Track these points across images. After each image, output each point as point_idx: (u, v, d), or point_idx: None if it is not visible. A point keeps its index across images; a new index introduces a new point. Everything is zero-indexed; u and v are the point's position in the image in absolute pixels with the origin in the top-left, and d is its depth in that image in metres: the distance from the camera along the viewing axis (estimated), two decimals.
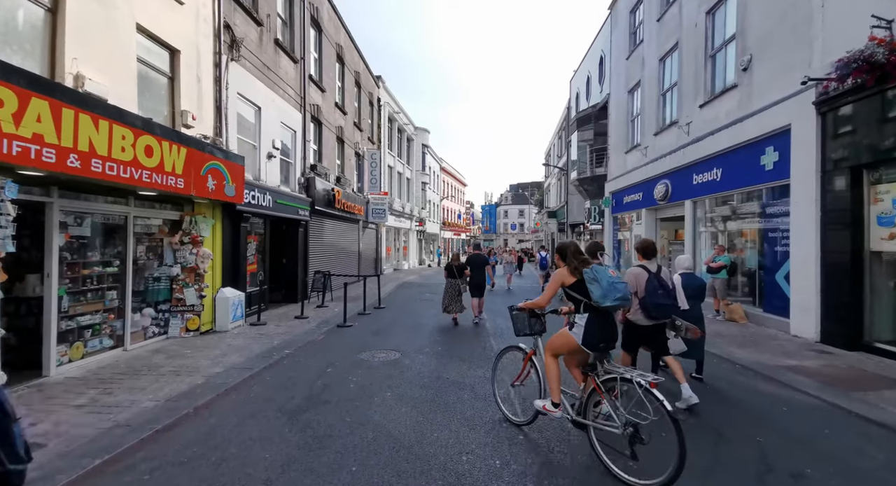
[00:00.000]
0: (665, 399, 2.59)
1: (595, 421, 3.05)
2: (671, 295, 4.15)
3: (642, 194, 13.73)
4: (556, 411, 3.27)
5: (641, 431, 2.76)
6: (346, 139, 15.74)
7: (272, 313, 9.29)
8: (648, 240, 4.64)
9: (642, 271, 4.19)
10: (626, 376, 2.86)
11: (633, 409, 2.79)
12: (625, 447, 2.82)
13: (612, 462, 2.89)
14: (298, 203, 10.73)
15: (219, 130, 7.62)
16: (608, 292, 3.06)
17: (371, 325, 8.31)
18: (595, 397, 3.08)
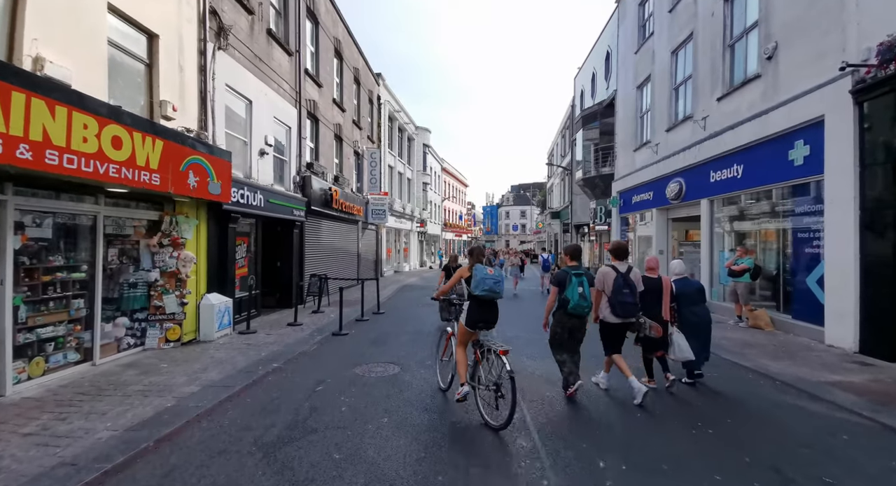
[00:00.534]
0: (508, 363, 3.55)
1: (477, 384, 3.96)
2: (635, 294, 4.39)
3: (653, 193, 13.13)
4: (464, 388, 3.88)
5: (502, 387, 3.61)
6: (344, 137, 15.18)
7: (264, 320, 8.71)
8: (620, 242, 4.99)
9: (611, 271, 4.45)
10: (489, 347, 3.84)
11: (495, 371, 3.73)
12: (492, 400, 3.72)
13: (485, 412, 3.79)
14: (293, 203, 10.16)
15: (204, 123, 7.05)
16: (477, 284, 3.87)
17: (369, 333, 7.72)
18: (478, 365, 4.00)
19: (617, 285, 4.34)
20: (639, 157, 14.40)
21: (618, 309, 4.35)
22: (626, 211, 15.68)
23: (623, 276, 4.38)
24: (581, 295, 4.23)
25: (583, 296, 4.24)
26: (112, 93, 5.50)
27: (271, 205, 8.92)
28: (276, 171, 10.03)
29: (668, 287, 4.72)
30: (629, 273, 4.43)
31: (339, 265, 14.42)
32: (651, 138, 13.33)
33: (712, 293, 10.12)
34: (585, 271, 4.48)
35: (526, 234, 71.43)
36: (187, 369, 5.27)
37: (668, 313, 4.69)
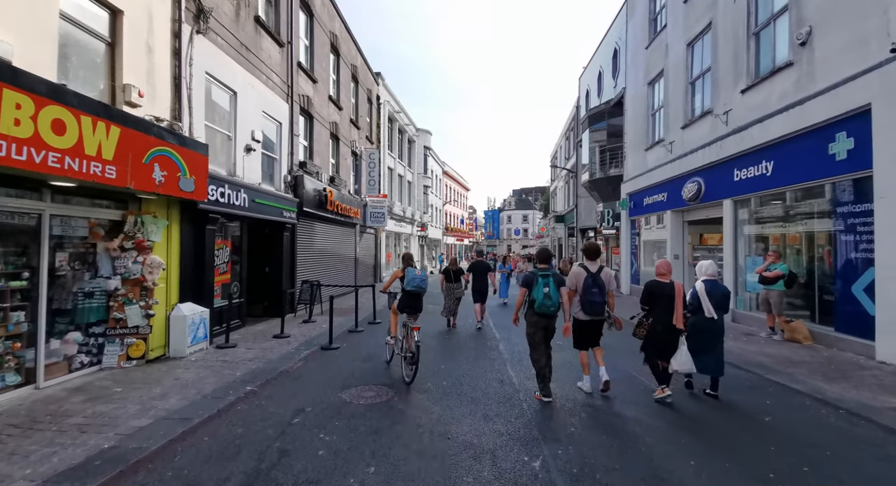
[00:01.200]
0: (417, 337, 4.89)
1: (401, 351, 5.29)
2: (604, 293, 4.57)
3: (667, 195, 12.37)
4: (391, 341, 5.77)
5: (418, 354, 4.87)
6: (341, 137, 14.48)
7: (248, 331, 7.93)
8: (592, 242, 5.11)
9: (582, 271, 4.62)
10: (410, 326, 5.12)
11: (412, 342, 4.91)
12: (410, 365, 4.94)
13: (404, 373, 5.10)
14: (283, 204, 9.42)
15: (178, 112, 6.33)
16: (409, 282, 5.52)
17: (362, 347, 6.94)
18: (404, 341, 5.26)
19: (586, 285, 4.54)
20: (650, 156, 13.65)
21: (587, 307, 4.58)
22: (637, 213, 14.90)
23: (593, 276, 4.56)
24: (546, 295, 4.40)
25: (547, 296, 4.40)
26: (65, 73, 4.80)
27: (257, 205, 8.18)
28: (264, 169, 9.30)
29: (680, 293, 4.41)
30: (599, 273, 4.61)
31: (335, 271, 13.66)
32: (664, 136, 12.58)
33: (737, 302, 9.33)
34: (553, 272, 4.57)
35: (528, 238, 70.62)
36: (144, 394, 4.49)
37: (680, 319, 4.36)
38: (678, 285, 4.48)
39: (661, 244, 13.54)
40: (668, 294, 4.42)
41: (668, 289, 4.44)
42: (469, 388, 4.84)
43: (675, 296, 4.39)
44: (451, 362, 6.01)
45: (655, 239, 14.12)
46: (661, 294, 4.44)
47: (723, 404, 4.44)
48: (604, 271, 4.67)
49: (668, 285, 4.48)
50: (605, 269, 4.73)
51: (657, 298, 4.47)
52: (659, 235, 13.83)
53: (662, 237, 13.42)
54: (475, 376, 5.30)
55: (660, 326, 4.43)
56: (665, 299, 4.41)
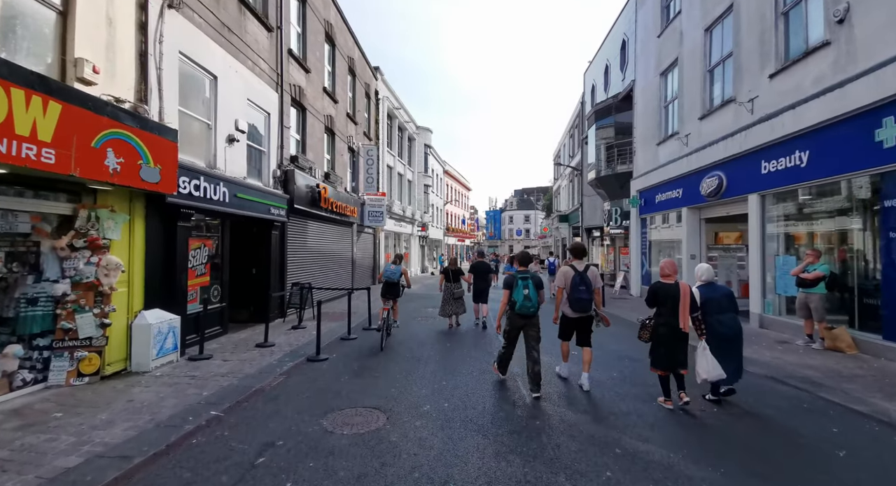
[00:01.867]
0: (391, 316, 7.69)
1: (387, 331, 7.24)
2: (591, 291, 4.73)
3: (682, 191, 11.61)
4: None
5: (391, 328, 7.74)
6: (337, 131, 13.76)
7: (229, 340, 7.20)
8: (579, 243, 5.38)
9: (570, 270, 4.82)
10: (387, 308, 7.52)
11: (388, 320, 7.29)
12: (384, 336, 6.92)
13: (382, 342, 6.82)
14: (271, 200, 8.70)
15: (144, 94, 5.60)
16: (384, 275, 8.23)
17: (353, 358, 6.20)
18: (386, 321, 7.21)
19: (574, 283, 4.73)
20: (663, 151, 12.90)
21: (575, 305, 4.76)
22: (648, 211, 14.15)
23: (580, 274, 4.76)
24: (526, 296, 4.60)
25: (527, 297, 4.60)
26: (4, 43, 4.08)
27: (240, 201, 7.46)
28: (251, 162, 8.58)
29: (686, 294, 4.19)
30: (586, 271, 4.79)
31: (330, 272, 12.93)
32: (679, 129, 11.84)
33: (765, 306, 8.59)
34: (531, 275, 4.73)
35: (530, 239, 69.86)
36: (87, 421, 3.75)
37: (686, 322, 4.15)
38: (684, 286, 4.24)
39: (675, 244, 12.80)
40: (672, 296, 4.20)
41: (673, 290, 4.22)
42: (475, 411, 4.09)
43: (681, 297, 4.16)
44: (454, 376, 5.26)
45: (668, 238, 13.38)
46: (665, 296, 4.25)
47: (787, 432, 3.69)
48: (590, 270, 4.85)
49: (673, 286, 4.25)
50: (592, 268, 4.90)
51: (662, 300, 4.28)
52: (672, 233, 13.08)
53: (676, 236, 12.67)
54: (481, 396, 4.55)
55: (663, 328, 4.23)
56: (670, 301, 4.21)
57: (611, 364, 5.89)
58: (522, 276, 4.69)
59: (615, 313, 11.08)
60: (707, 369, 4.07)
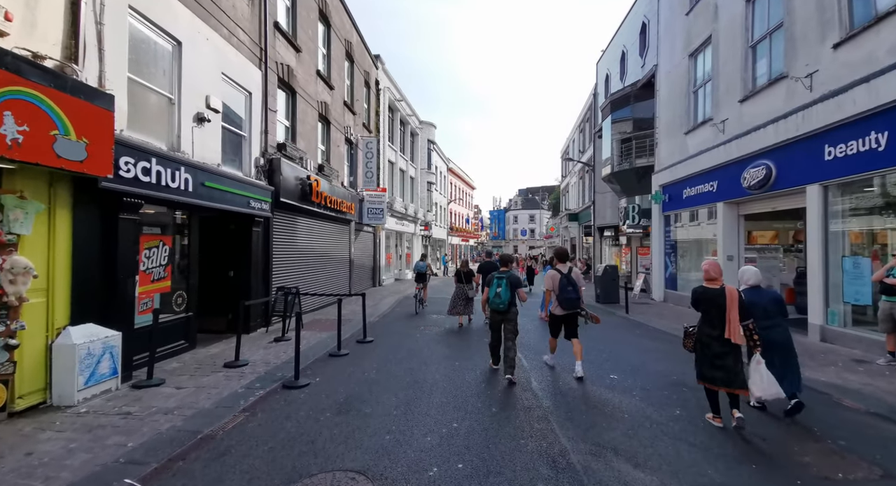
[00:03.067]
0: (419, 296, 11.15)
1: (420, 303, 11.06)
2: (577, 290, 5.27)
3: (717, 184, 10.36)
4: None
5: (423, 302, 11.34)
6: (332, 120, 12.59)
7: (194, 357, 6.02)
8: (562, 248, 6.09)
9: (556, 273, 5.38)
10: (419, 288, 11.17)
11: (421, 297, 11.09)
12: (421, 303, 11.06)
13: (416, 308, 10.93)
14: (252, 192, 7.53)
15: (74, 53, 4.43)
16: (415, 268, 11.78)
17: (340, 382, 4.99)
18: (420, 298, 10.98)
19: (562, 284, 5.25)
20: (692, 140, 11.64)
21: (564, 304, 5.24)
22: (674, 208, 12.88)
23: (566, 276, 5.28)
24: (496, 294, 5.16)
25: (497, 294, 5.15)
26: None
27: (210, 191, 6.28)
28: (228, 148, 7.41)
29: (734, 300, 3.77)
30: (570, 273, 5.31)
31: (325, 275, 11.75)
32: (713, 115, 10.57)
33: (828, 316, 7.32)
34: (508, 275, 5.24)
35: (535, 239, 68.55)
36: None
37: (736, 331, 3.70)
38: (731, 291, 3.79)
39: (705, 243, 11.55)
40: (717, 303, 3.78)
41: (718, 296, 3.80)
42: (503, 479, 2.87)
43: (728, 304, 3.72)
44: (467, 413, 4.05)
45: (697, 237, 12.12)
46: (709, 303, 3.84)
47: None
48: (573, 271, 5.38)
49: (718, 291, 3.83)
50: (574, 269, 5.44)
51: (704, 307, 3.90)
52: (701, 232, 11.82)
53: (706, 235, 11.42)
54: (506, 450, 3.32)
55: (706, 338, 3.86)
56: (715, 309, 3.79)
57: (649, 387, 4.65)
58: (499, 276, 5.26)
59: (638, 320, 9.85)
60: (762, 386, 3.62)
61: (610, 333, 8.37)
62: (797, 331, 8.19)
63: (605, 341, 7.59)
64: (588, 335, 7.93)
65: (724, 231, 10.12)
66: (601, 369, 5.54)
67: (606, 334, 8.15)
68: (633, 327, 9.15)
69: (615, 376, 5.17)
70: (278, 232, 8.97)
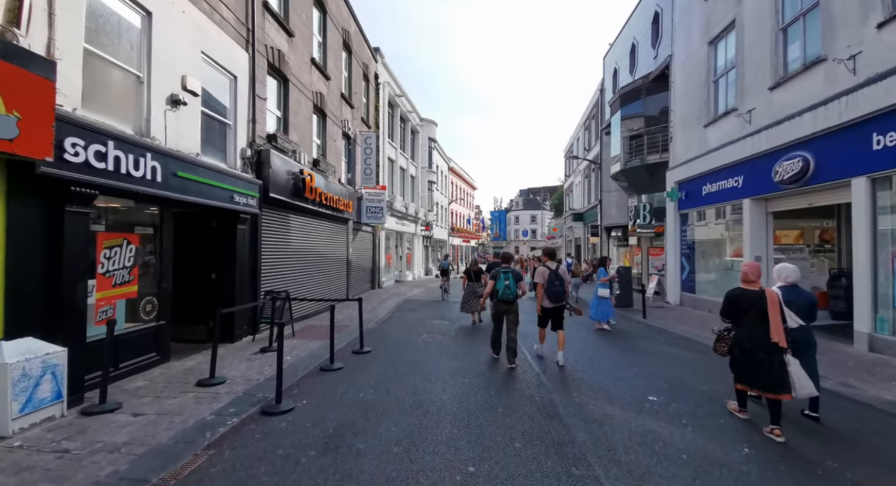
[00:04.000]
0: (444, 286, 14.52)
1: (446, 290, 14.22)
2: (563, 284, 5.88)
3: (742, 179, 9.62)
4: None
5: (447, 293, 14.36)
6: (329, 113, 11.85)
7: (165, 373, 5.26)
8: (550, 247, 6.86)
9: (546, 269, 5.96)
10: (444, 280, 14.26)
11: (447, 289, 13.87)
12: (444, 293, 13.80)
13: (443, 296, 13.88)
14: (236, 185, 6.78)
15: (16, 16, 3.68)
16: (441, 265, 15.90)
17: (329, 407, 4.23)
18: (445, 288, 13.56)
19: (550, 279, 5.89)
20: (713, 133, 10.90)
21: (552, 297, 5.89)
22: (691, 205, 12.13)
23: (554, 272, 5.92)
24: (506, 286, 5.79)
25: (507, 287, 5.79)
26: None
27: (184, 183, 5.53)
28: (208, 136, 6.67)
29: (774, 302, 3.63)
30: (557, 269, 5.96)
31: (320, 277, 11.00)
32: (738, 105, 9.83)
33: (877, 323, 6.57)
34: (511, 270, 5.90)
35: (536, 240, 67.78)
36: None
37: (781, 334, 3.54)
38: (771, 293, 3.75)
39: (725, 243, 10.81)
40: (758, 305, 3.70)
41: (758, 298, 3.73)
42: None
43: (769, 306, 3.65)
44: (486, 452, 3.28)
45: (718, 237, 11.37)
46: (748, 305, 3.77)
47: None
48: (560, 268, 6.00)
49: (758, 293, 3.78)
50: (561, 266, 6.08)
51: (743, 309, 3.81)
52: (722, 232, 11.08)
53: (728, 235, 10.68)
54: None
55: (747, 342, 3.75)
56: (755, 311, 3.72)
57: (700, 413, 3.89)
58: (504, 271, 5.88)
59: (658, 326, 9.09)
60: (798, 385, 3.54)
61: (632, 341, 7.62)
62: (838, 339, 7.46)
63: (629, 350, 6.83)
64: (611, 344, 7.24)
65: (751, 230, 9.37)
66: (635, 388, 4.79)
67: (629, 343, 7.40)
68: (654, 333, 8.39)
69: (654, 398, 4.42)
70: (268, 230, 8.22)
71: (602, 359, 6.21)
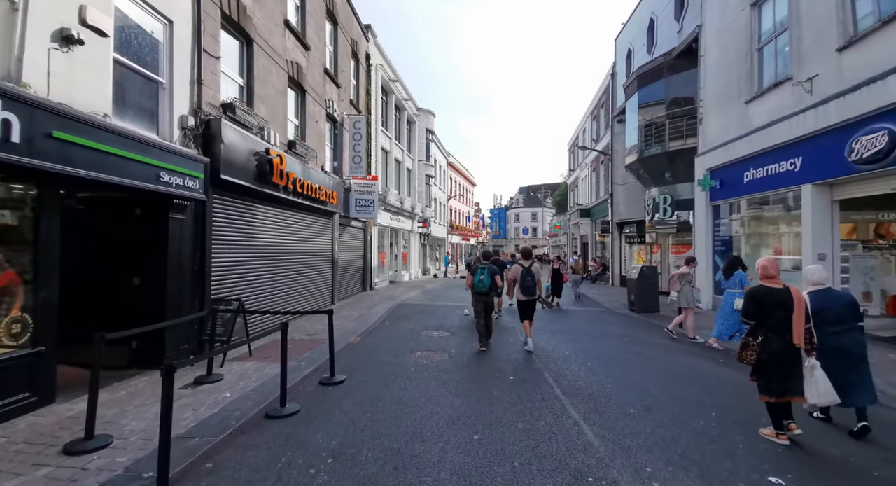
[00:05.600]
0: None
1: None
2: (535, 280, 6.67)
3: (801, 160, 8.01)
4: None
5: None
6: (309, 89, 10.20)
7: (34, 425, 3.63)
8: (527, 247, 7.48)
9: (519, 267, 6.75)
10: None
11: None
12: None
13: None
14: (164, 161, 5.13)
15: None
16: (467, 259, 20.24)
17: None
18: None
19: (522, 275, 6.63)
20: (759, 108, 9.28)
21: (524, 291, 6.65)
22: (727, 196, 10.52)
23: (526, 269, 6.66)
24: (480, 280, 6.66)
25: (481, 281, 6.66)
26: None
27: (69, 150, 3.88)
28: (125, 94, 5.03)
29: (801, 302, 3.41)
30: (531, 267, 6.71)
31: (298, 279, 9.36)
32: (794, 73, 8.20)
33: None
34: (489, 266, 6.86)
35: (537, 238, 66.23)
36: None
37: (802, 336, 3.34)
38: (796, 292, 3.47)
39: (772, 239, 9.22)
40: (783, 304, 3.40)
41: (783, 297, 3.43)
42: None
43: (795, 305, 3.37)
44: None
45: (765, 232, 9.77)
46: (773, 304, 3.44)
47: None
48: (533, 266, 6.79)
49: (782, 291, 3.47)
50: (535, 264, 6.92)
51: (768, 309, 3.45)
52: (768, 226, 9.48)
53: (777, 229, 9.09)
54: None
55: (776, 344, 3.39)
56: (780, 311, 3.40)
57: None
58: (482, 266, 6.81)
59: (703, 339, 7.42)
60: (819, 392, 3.29)
61: (682, 359, 6.01)
62: None
63: (682, 380, 5.19)
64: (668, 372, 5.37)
65: (813, 221, 7.76)
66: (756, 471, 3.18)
67: (684, 370, 5.75)
68: (706, 353, 6.76)
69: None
70: (221, 222, 6.57)
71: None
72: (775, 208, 9.41)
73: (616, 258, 19.96)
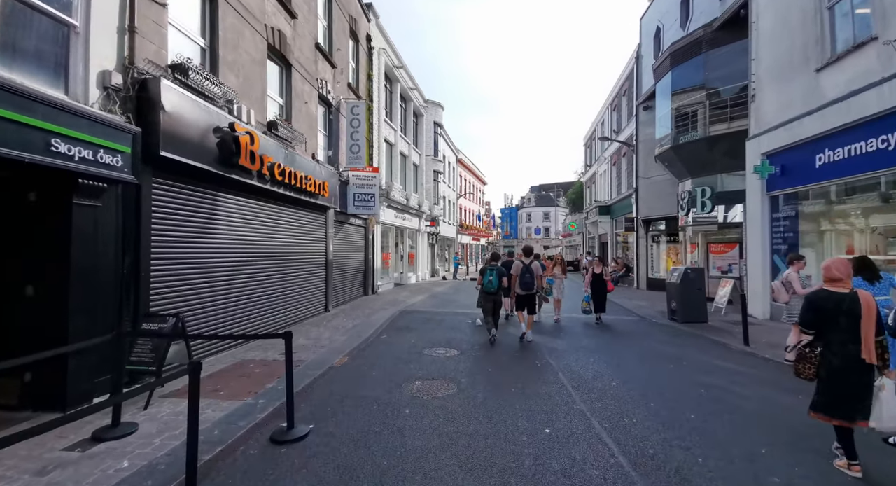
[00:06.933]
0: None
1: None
2: (533, 276, 7.36)
3: (894, 137, 6.33)
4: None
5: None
6: (295, 63, 8.79)
7: None
8: (528, 245, 8.40)
9: (520, 263, 7.41)
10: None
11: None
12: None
13: None
14: (57, 124, 3.71)
15: None
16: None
17: None
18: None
19: (522, 272, 7.31)
20: (833, 77, 7.60)
21: (522, 286, 7.31)
22: (793, 184, 8.80)
23: (526, 266, 7.36)
24: (489, 281, 7.20)
25: (490, 281, 7.19)
26: None
27: None
28: (14, 34, 3.63)
29: (871, 308, 2.82)
30: (530, 265, 7.41)
31: (280, 284, 7.94)
32: (880, 31, 6.52)
33: None
34: (497, 267, 7.37)
35: (550, 238, 64.30)
36: None
37: (872, 349, 2.78)
38: (867, 297, 2.89)
39: (851, 234, 7.52)
40: (849, 311, 2.86)
41: (850, 303, 2.88)
42: None
43: (863, 314, 2.81)
44: None
45: (845, 227, 8.07)
46: (835, 311, 2.91)
47: None
48: (533, 264, 7.51)
49: (848, 296, 2.91)
50: (535, 262, 7.67)
51: (830, 317, 2.94)
52: (852, 218, 7.78)
53: (861, 223, 7.39)
54: None
55: (837, 357, 2.89)
56: (845, 319, 2.87)
57: None
58: (491, 268, 7.34)
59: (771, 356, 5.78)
60: (883, 416, 2.72)
61: (789, 400, 4.40)
62: None
63: (801, 437, 3.59)
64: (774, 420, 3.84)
65: None
66: None
67: (798, 419, 4.15)
68: (792, 384, 5.14)
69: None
70: (166, 213, 5.14)
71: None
72: (864, 197, 7.70)
73: (642, 259, 18.22)
